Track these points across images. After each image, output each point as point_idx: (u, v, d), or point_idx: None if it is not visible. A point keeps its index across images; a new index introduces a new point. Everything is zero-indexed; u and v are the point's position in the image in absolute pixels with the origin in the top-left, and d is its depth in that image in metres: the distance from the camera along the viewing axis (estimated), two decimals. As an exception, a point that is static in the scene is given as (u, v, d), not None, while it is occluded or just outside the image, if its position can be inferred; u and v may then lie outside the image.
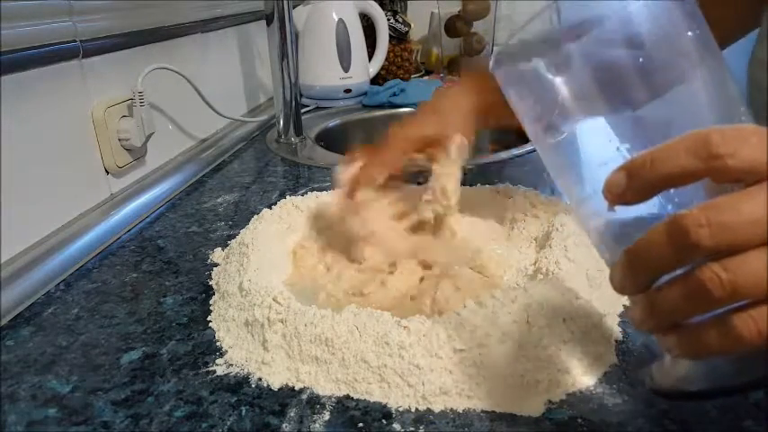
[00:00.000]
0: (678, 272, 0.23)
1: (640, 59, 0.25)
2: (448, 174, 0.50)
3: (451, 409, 0.33)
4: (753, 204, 0.21)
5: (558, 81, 0.27)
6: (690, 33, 0.25)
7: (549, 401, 0.33)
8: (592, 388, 0.34)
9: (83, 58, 0.58)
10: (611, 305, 0.40)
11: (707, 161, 0.22)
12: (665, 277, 0.24)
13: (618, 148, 0.26)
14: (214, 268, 0.50)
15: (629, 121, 0.26)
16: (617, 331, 0.38)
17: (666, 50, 0.25)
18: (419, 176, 0.55)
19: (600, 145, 0.26)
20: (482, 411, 0.33)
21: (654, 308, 0.24)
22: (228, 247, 0.53)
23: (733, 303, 0.22)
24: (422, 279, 0.46)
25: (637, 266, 0.24)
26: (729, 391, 0.23)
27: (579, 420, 0.32)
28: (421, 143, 0.52)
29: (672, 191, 0.24)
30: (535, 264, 0.46)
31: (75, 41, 0.57)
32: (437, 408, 0.33)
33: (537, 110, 0.29)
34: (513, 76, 0.30)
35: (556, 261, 0.43)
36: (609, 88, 0.26)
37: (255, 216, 0.54)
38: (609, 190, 0.24)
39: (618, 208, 0.25)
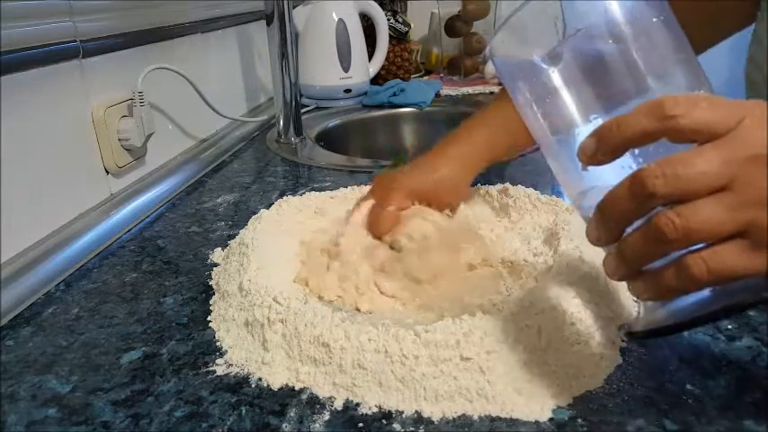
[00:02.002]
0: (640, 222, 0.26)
1: (619, 49, 0.29)
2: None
3: (453, 412, 0.33)
4: (703, 159, 0.24)
5: (552, 71, 0.30)
6: (655, 20, 0.29)
7: (558, 407, 0.33)
8: (593, 389, 0.34)
9: (83, 58, 0.58)
10: (617, 307, 0.40)
11: (662, 121, 0.25)
12: (630, 229, 0.27)
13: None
14: (214, 268, 0.50)
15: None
16: (623, 333, 0.38)
17: (640, 39, 0.29)
18: None
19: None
20: (485, 414, 0.33)
21: (622, 255, 0.28)
22: (228, 248, 0.53)
23: (688, 246, 0.25)
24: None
25: (606, 217, 0.28)
26: (691, 324, 0.27)
27: (579, 420, 0.32)
28: (419, 195, 0.52)
29: (640, 157, 0.28)
30: (543, 264, 0.46)
31: (75, 41, 0.57)
32: (438, 409, 0.33)
33: (532, 98, 0.31)
34: (509, 65, 0.33)
35: (567, 263, 0.42)
36: (596, 78, 0.29)
37: (254, 216, 0.54)
38: (583, 152, 0.28)
39: (591, 170, 0.28)
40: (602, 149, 0.27)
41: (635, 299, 0.30)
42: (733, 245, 0.25)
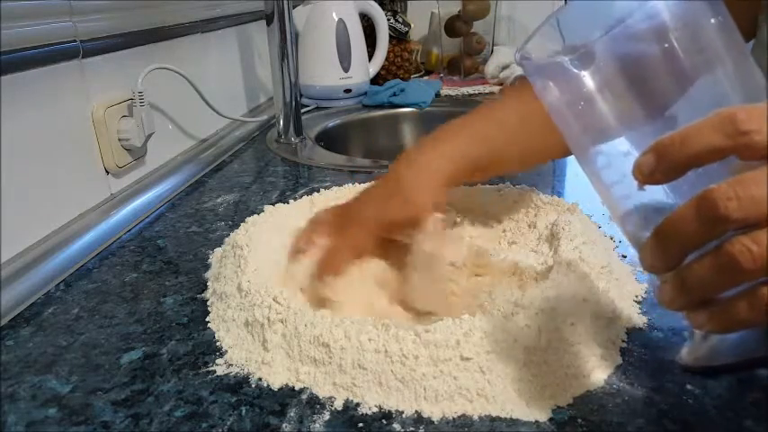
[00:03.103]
0: (704, 250, 0.24)
1: (665, 50, 0.26)
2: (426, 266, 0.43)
3: (453, 412, 0.33)
4: None
5: (583, 74, 0.27)
6: (713, 20, 0.26)
7: (557, 407, 0.33)
8: (593, 389, 0.34)
9: (83, 58, 0.58)
10: (618, 305, 0.40)
11: (734, 138, 0.22)
12: (692, 256, 0.24)
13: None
14: (208, 270, 0.50)
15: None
16: (622, 333, 0.38)
17: (690, 41, 0.26)
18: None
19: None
20: (485, 414, 0.33)
21: (684, 284, 0.25)
22: (221, 250, 0.53)
23: (763, 277, 0.22)
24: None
25: (667, 243, 0.24)
26: (754, 364, 0.25)
27: (579, 420, 0.32)
28: (391, 226, 0.45)
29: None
30: (543, 264, 0.46)
31: (75, 41, 0.57)
32: (438, 409, 0.33)
33: (564, 102, 0.29)
34: (539, 69, 0.30)
35: (567, 263, 0.42)
36: (634, 81, 0.27)
37: (248, 218, 0.53)
38: (639, 171, 0.25)
39: (647, 188, 0.25)
40: (663, 167, 0.24)
41: (691, 329, 0.28)
42: None
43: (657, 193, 0.26)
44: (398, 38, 1.30)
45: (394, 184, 0.46)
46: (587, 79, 0.27)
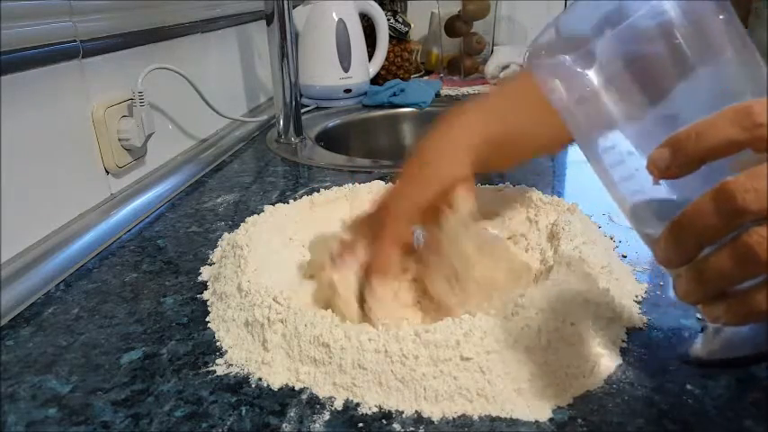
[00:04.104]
0: (719, 243, 0.24)
1: (671, 47, 0.26)
2: (463, 235, 0.43)
3: (453, 412, 0.33)
4: None
5: (589, 72, 0.28)
6: (721, 17, 0.26)
7: (557, 407, 0.33)
8: (593, 389, 0.34)
9: (83, 58, 0.58)
10: (618, 305, 0.40)
11: (751, 131, 0.22)
12: (707, 249, 0.24)
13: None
14: (207, 269, 0.50)
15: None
16: (622, 333, 0.38)
17: (696, 37, 0.26)
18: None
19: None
20: (485, 414, 0.33)
21: (701, 276, 0.25)
22: (221, 249, 0.53)
23: None
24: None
25: (683, 236, 0.25)
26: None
27: (579, 421, 0.32)
28: (425, 209, 0.44)
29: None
30: (543, 265, 0.46)
31: (75, 41, 0.57)
32: (438, 409, 0.33)
33: (571, 101, 0.29)
34: (546, 68, 0.30)
35: (567, 263, 0.42)
36: (639, 77, 0.27)
37: (248, 218, 0.53)
38: (654, 165, 0.25)
39: (662, 183, 0.25)
40: (678, 162, 0.24)
41: (704, 323, 0.28)
42: None
43: (662, 189, 0.26)
44: (398, 38, 1.30)
45: (418, 167, 0.46)
46: (593, 77, 0.28)
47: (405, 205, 0.44)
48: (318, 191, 0.60)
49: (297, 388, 0.36)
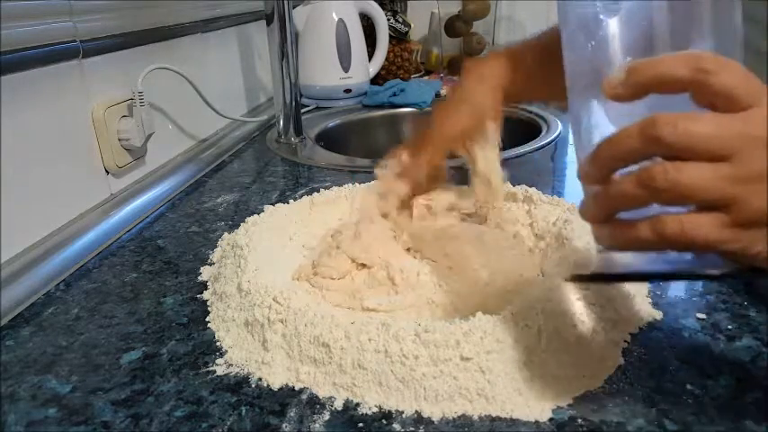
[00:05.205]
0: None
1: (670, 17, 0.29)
2: (490, 163, 0.50)
3: (453, 412, 0.33)
4: (716, 124, 0.25)
5: (606, 21, 0.30)
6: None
7: (557, 407, 0.33)
8: (593, 389, 0.34)
9: (83, 58, 0.58)
10: (618, 306, 0.40)
11: (694, 73, 0.25)
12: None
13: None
14: (206, 269, 0.50)
15: None
16: (623, 333, 0.38)
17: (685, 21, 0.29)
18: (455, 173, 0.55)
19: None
20: (485, 414, 0.33)
21: (604, 195, 0.28)
22: (221, 249, 0.53)
23: (670, 204, 0.26)
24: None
25: (605, 152, 0.27)
26: (639, 278, 0.29)
27: (579, 420, 0.32)
28: (459, 137, 0.51)
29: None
30: (543, 264, 0.46)
31: (75, 41, 0.57)
32: (438, 409, 0.33)
33: (580, 41, 0.31)
34: (569, 7, 0.32)
35: (567, 262, 0.42)
36: (642, 44, 0.29)
37: (248, 218, 0.53)
38: (609, 83, 0.27)
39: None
40: (629, 83, 0.26)
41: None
42: (712, 216, 0.25)
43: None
44: (398, 38, 1.30)
45: (453, 102, 0.52)
46: (608, 26, 0.30)
47: (441, 131, 0.51)
48: (318, 191, 0.60)
49: (297, 388, 0.36)
